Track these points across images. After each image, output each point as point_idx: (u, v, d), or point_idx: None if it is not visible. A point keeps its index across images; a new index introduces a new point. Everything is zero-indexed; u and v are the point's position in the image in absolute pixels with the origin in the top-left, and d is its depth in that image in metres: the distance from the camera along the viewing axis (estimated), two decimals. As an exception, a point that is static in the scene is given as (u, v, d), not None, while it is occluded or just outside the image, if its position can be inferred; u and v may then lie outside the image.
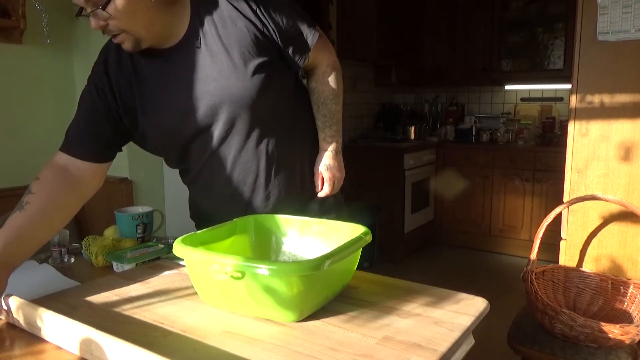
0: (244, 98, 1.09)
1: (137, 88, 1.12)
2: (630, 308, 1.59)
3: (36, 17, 2.20)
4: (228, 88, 1.08)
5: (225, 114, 1.10)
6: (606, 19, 1.70)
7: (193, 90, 1.09)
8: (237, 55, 1.08)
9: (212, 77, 1.09)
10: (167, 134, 1.14)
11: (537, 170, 3.77)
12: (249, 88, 1.09)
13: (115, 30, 1.01)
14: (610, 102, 1.74)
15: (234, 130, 1.12)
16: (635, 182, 1.72)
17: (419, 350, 0.73)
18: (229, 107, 1.09)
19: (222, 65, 1.08)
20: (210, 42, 1.09)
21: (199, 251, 0.88)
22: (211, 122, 1.11)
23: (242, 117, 1.11)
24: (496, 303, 0.99)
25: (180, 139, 1.15)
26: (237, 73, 1.08)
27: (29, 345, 0.79)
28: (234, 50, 1.08)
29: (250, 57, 1.09)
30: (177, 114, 1.11)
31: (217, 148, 1.14)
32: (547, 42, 3.99)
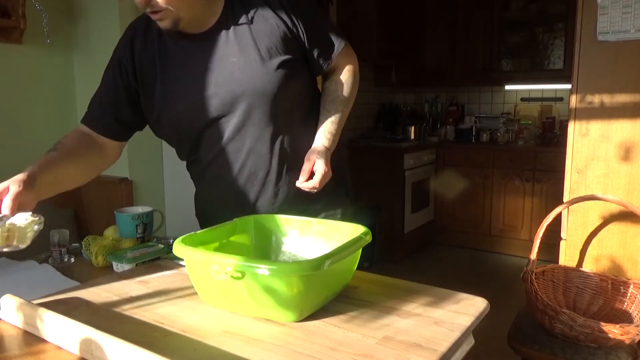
0: (266, 91, 1.11)
1: (159, 69, 1.15)
2: (630, 308, 1.59)
3: (36, 17, 2.20)
4: (252, 78, 1.11)
5: (245, 104, 1.12)
6: (606, 19, 1.70)
7: (217, 77, 1.12)
8: (264, 49, 1.11)
9: (237, 67, 1.11)
10: (183, 119, 1.16)
11: (537, 170, 3.77)
12: (272, 81, 1.11)
13: (160, 6, 1.02)
14: (610, 102, 1.74)
15: (250, 122, 1.14)
16: (635, 182, 1.72)
17: (419, 350, 0.73)
18: (249, 97, 1.12)
19: (249, 57, 1.11)
20: (240, 34, 1.12)
21: (199, 251, 0.88)
22: (229, 111, 1.13)
23: (260, 110, 1.13)
24: (496, 303, 0.99)
25: (196, 126, 1.16)
26: (262, 66, 1.11)
27: (29, 345, 0.79)
28: (262, 44, 1.12)
29: (276, 52, 1.12)
30: (196, 99, 1.13)
31: (231, 139, 1.15)
32: (547, 42, 3.99)
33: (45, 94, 2.47)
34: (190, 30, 1.12)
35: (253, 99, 1.12)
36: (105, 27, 2.43)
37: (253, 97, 1.12)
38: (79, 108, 2.61)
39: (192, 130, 1.17)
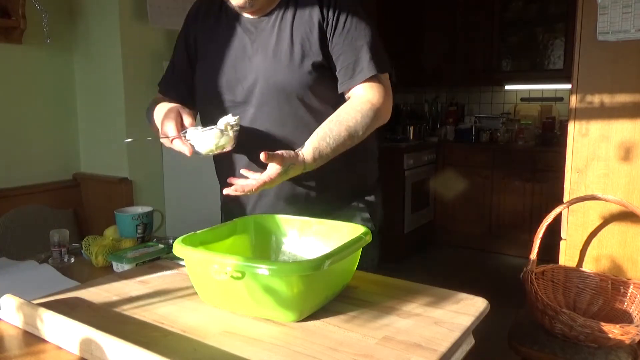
0: (285, 88, 1.10)
1: (206, 45, 1.18)
2: (630, 308, 1.59)
3: (36, 17, 2.20)
4: (275, 72, 1.10)
5: (262, 96, 1.12)
6: (606, 19, 1.70)
7: (247, 64, 1.13)
8: (298, 46, 1.10)
9: (268, 57, 1.11)
10: (210, 98, 1.18)
11: (537, 170, 3.77)
12: (295, 80, 1.09)
13: None
14: (610, 102, 1.74)
15: (264, 117, 1.13)
16: (635, 182, 1.72)
17: (419, 350, 0.73)
18: (267, 91, 1.11)
19: (281, 50, 1.10)
20: (283, 25, 1.11)
21: (199, 251, 0.88)
22: (248, 100, 1.13)
23: (275, 106, 1.12)
24: (496, 303, 0.99)
25: (219, 107, 1.17)
26: (290, 62, 1.10)
27: (29, 345, 0.79)
28: (297, 40, 1.10)
29: (309, 52, 1.10)
30: (222, 81, 1.15)
31: (247, 129, 1.13)
32: (547, 42, 3.99)
33: (45, 94, 2.47)
34: (250, 14, 1.13)
35: (270, 93, 1.11)
36: (105, 27, 2.43)
37: (270, 92, 1.11)
38: (79, 108, 2.61)
39: (216, 111, 1.17)
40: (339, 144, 1.07)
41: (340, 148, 1.08)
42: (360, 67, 1.11)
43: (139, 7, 2.43)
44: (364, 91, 1.13)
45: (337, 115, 1.10)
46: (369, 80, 1.12)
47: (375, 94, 1.13)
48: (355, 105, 1.11)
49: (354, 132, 1.09)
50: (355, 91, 1.13)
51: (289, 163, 0.99)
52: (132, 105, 2.46)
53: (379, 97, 1.13)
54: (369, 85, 1.12)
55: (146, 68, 2.51)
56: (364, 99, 1.12)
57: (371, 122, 1.11)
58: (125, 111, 2.44)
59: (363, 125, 1.09)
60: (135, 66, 2.46)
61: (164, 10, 2.50)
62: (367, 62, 1.11)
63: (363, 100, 1.11)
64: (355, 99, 1.13)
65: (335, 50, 1.12)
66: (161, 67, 2.55)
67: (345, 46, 1.11)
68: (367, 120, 1.10)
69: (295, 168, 1.01)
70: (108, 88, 2.47)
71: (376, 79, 1.13)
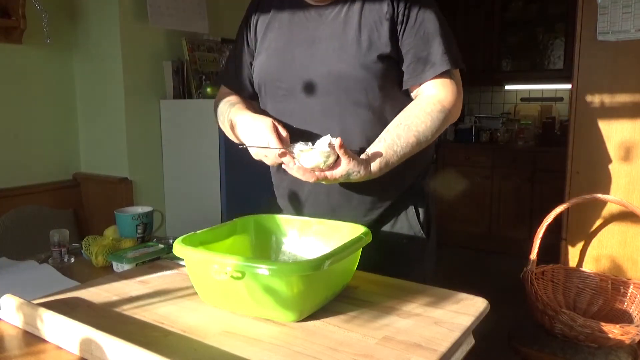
0: (350, 80, 1.05)
1: (266, 31, 1.15)
2: (630, 308, 1.59)
3: (36, 17, 2.20)
4: (339, 62, 1.05)
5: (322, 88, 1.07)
6: (606, 19, 1.70)
7: (308, 53, 1.08)
8: (365, 36, 1.04)
9: (332, 47, 1.06)
10: (266, 85, 1.15)
11: (537, 170, 3.77)
12: (360, 72, 1.04)
13: None
14: (610, 102, 1.75)
15: (321, 109, 1.08)
16: (635, 182, 1.72)
17: (419, 350, 0.73)
18: (328, 82, 1.06)
19: (347, 40, 1.05)
20: (351, 14, 1.06)
21: (199, 251, 0.88)
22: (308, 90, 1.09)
23: (335, 98, 1.07)
24: (496, 303, 0.99)
25: (274, 96, 1.14)
26: (356, 53, 1.04)
27: (29, 345, 0.79)
28: (365, 30, 1.05)
29: (378, 43, 1.04)
30: (280, 68, 1.11)
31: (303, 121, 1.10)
32: (547, 42, 3.99)
33: (45, 94, 2.47)
34: (316, 2, 1.09)
35: (332, 84, 1.05)
36: (105, 27, 2.43)
37: (332, 82, 1.05)
38: (79, 108, 2.61)
39: (272, 100, 1.14)
40: (406, 152, 1.01)
41: (407, 155, 1.02)
42: (431, 62, 1.05)
43: (139, 7, 2.43)
44: (434, 89, 1.06)
45: (405, 118, 1.03)
46: (440, 76, 1.05)
47: (446, 92, 1.06)
48: (425, 106, 1.04)
49: (423, 138, 1.03)
50: (424, 88, 1.07)
51: (354, 170, 0.95)
52: (132, 105, 2.46)
53: (451, 96, 1.06)
54: (440, 83, 1.06)
55: (146, 68, 2.51)
56: (435, 99, 1.05)
57: (441, 125, 1.05)
58: (125, 111, 2.44)
59: (432, 130, 1.03)
60: (135, 66, 2.46)
61: (164, 10, 2.50)
62: (440, 57, 1.04)
63: (433, 101, 1.04)
64: (424, 98, 1.06)
65: (406, 43, 1.05)
66: (161, 67, 2.55)
67: (416, 39, 1.05)
68: (437, 123, 1.04)
69: (359, 176, 0.97)
70: (108, 88, 2.47)
71: (448, 75, 1.07)
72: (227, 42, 2.80)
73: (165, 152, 2.62)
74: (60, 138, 2.55)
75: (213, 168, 2.40)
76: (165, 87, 2.58)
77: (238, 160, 2.39)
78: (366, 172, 0.97)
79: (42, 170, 2.47)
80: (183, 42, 2.57)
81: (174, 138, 2.57)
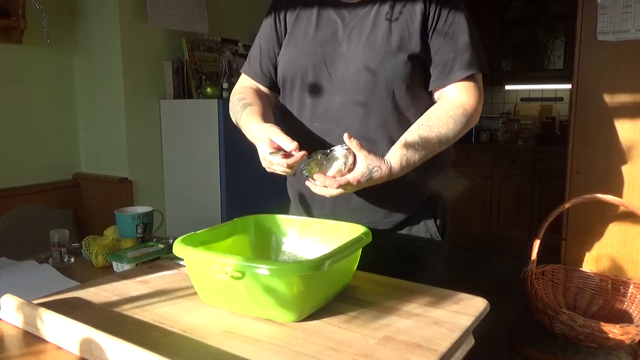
0: (377, 79, 1.03)
1: (296, 22, 1.13)
2: (630, 308, 1.59)
3: (36, 17, 2.20)
4: (367, 60, 1.04)
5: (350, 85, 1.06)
6: (606, 19, 1.70)
7: (335, 49, 1.07)
8: (396, 35, 1.03)
9: (362, 44, 1.05)
10: (291, 79, 1.13)
11: (537, 170, 3.77)
12: (389, 71, 1.03)
13: None
14: (610, 102, 1.75)
15: (346, 107, 1.07)
16: (635, 182, 1.72)
17: (419, 350, 0.73)
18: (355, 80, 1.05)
19: (376, 38, 1.04)
20: (381, 12, 1.06)
21: (199, 251, 0.88)
22: (334, 87, 1.07)
23: (361, 97, 1.05)
24: (496, 303, 0.99)
25: (297, 91, 1.13)
26: (386, 51, 1.03)
27: (29, 345, 0.79)
28: (396, 29, 1.04)
29: (408, 43, 1.03)
30: (306, 63, 1.10)
31: (323, 119, 1.09)
32: (547, 42, 3.99)
33: (45, 94, 2.47)
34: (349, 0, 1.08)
35: (359, 82, 1.04)
36: (105, 27, 2.43)
37: (359, 80, 1.04)
38: (79, 108, 2.61)
39: (294, 95, 1.14)
40: (427, 152, 1.01)
41: (428, 156, 1.02)
42: (458, 65, 1.05)
43: (139, 7, 2.43)
44: (457, 93, 1.05)
45: (427, 120, 1.03)
46: (464, 79, 1.05)
47: (469, 97, 1.05)
48: (448, 109, 1.03)
49: (445, 139, 1.02)
50: (448, 91, 1.07)
51: (374, 165, 0.94)
52: (132, 105, 2.46)
53: (473, 101, 1.05)
54: (464, 86, 1.05)
55: (146, 68, 2.51)
56: (457, 102, 1.04)
57: (463, 128, 1.04)
58: (125, 111, 2.44)
59: (454, 132, 1.03)
60: (135, 66, 2.46)
61: (164, 10, 2.50)
62: (467, 60, 1.04)
63: (456, 105, 1.04)
64: (447, 101, 1.05)
65: (435, 44, 1.05)
66: (161, 67, 2.55)
67: (445, 41, 1.05)
68: (460, 126, 1.03)
69: (381, 173, 0.95)
70: (108, 88, 2.47)
71: (472, 79, 1.06)
72: (227, 42, 2.80)
73: (165, 152, 2.62)
74: (60, 138, 2.55)
75: (213, 168, 2.40)
76: (165, 87, 2.58)
77: (238, 160, 2.39)
78: (387, 169, 0.96)
79: (42, 170, 2.47)
80: (183, 42, 2.57)
81: (174, 138, 2.58)
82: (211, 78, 2.62)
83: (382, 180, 0.97)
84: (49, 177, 2.51)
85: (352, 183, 0.93)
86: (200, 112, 2.43)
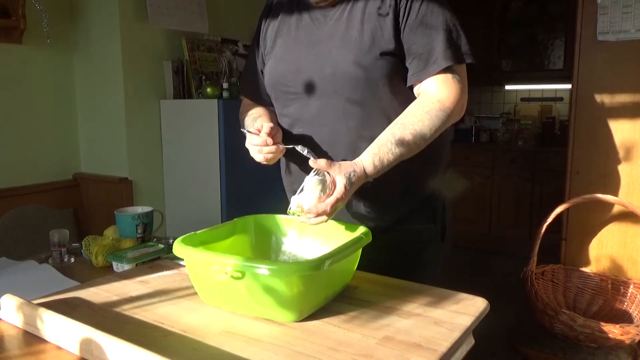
0: (353, 79, 1.03)
1: (276, 35, 1.15)
2: (630, 308, 1.59)
3: (36, 17, 2.20)
4: (343, 61, 1.03)
5: (328, 87, 1.06)
6: (606, 19, 1.70)
7: (312, 53, 1.08)
8: (368, 33, 1.02)
9: (335, 46, 1.05)
10: (275, 89, 1.15)
11: (537, 170, 3.77)
12: (364, 70, 1.02)
13: None
14: (610, 102, 1.74)
15: (330, 109, 1.07)
16: (635, 182, 1.72)
17: (419, 350, 0.73)
18: (333, 81, 1.05)
19: (350, 38, 1.04)
20: (354, 12, 1.05)
21: (199, 251, 0.88)
22: (313, 91, 1.08)
23: (343, 97, 1.05)
24: (496, 303, 0.99)
25: (282, 100, 1.14)
26: (359, 51, 1.02)
27: (29, 345, 0.79)
28: (368, 27, 1.02)
29: (381, 40, 1.02)
30: (285, 71, 1.11)
31: (311, 123, 1.10)
32: (547, 42, 3.99)
33: (45, 94, 2.47)
34: (321, 3, 1.08)
35: (336, 84, 1.04)
36: (105, 27, 2.43)
37: (336, 82, 1.04)
38: (79, 108, 2.61)
39: (280, 104, 1.15)
40: (404, 150, 0.98)
41: (406, 154, 0.99)
42: (434, 58, 1.01)
43: (139, 7, 2.43)
44: (435, 88, 1.02)
45: (402, 117, 1.00)
46: (443, 72, 1.01)
47: (448, 91, 1.01)
48: (424, 105, 1.00)
49: (420, 136, 0.99)
50: (426, 86, 1.03)
51: (348, 171, 0.93)
52: (132, 105, 2.46)
53: (452, 95, 1.01)
54: (442, 80, 1.01)
55: (146, 68, 2.51)
56: (434, 98, 1.01)
57: (441, 123, 1.00)
58: (125, 111, 2.44)
59: (430, 129, 0.99)
60: (135, 66, 2.46)
61: (164, 10, 2.50)
62: (442, 52, 1.00)
63: (433, 100, 1.01)
64: (424, 97, 1.02)
65: (408, 38, 1.02)
66: (161, 67, 2.55)
67: (419, 35, 1.01)
68: (437, 122, 1.00)
69: (357, 176, 0.94)
70: (108, 88, 2.47)
71: (450, 71, 1.02)
72: (227, 42, 2.80)
73: (165, 152, 2.62)
74: (60, 138, 2.55)
75: (213, 168, 2.40)
76: (165, 87, 2.58)
77: (238, 160, 2.39)
78: (360, 170, 0.95)
79: (42, 170, 2.47)
80: (183, 42, 2.57)
81: (174, 138, 2.57)
82: (211, 78, 2.62)
83: (361, 182, 0.95)
84: (49, 177, 2.51)
85: (340, 198, 0.91)
86: (200, 112, 2.43)
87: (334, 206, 0.91)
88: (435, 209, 1.17)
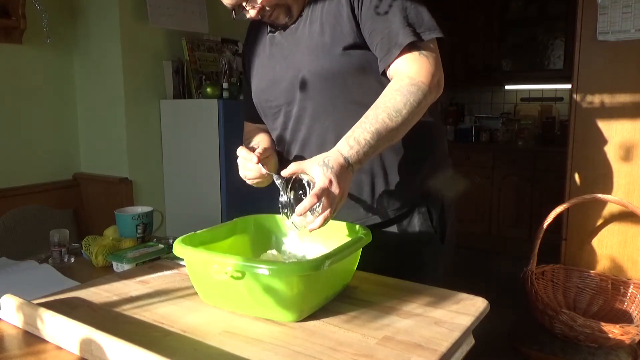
0: (321, 80, 1.06)
1: (254, 60, 1.21)
2: (630, 308, 1.59)
3: (36, 17, 2.20)
4: (311, 62, 1.06)
5: (303, 91, 1.09)
6: (606, 19, 1.70)
7: (285, 64, 1.12)
8: (327, 33, 1.05)
9: (301, 52, 1.08)
10: (261, 109, 1.21)
11: (537, 170, 3.77)
12: (333, 66, 1.04)
13: (270, 8, 1.06)
14: (610, 102, 1.75)
15: (307, 112, 1.10)
16: (635, 182, 1.72)
17: (419, 350, 0.73)
18: (306, 83, 1.08)
19: (314, 40, 1.07)
20: (314, 18, 1.08)
21: (199, 251, 0.88)
22: (291, 99, 1.12)
23: (318, 98, 1.08)
24: (496, 303, 0.99)
25: (267, 117, 1.20)
26: (323, 49, 1.05)
27: (29, 345, 0.79)
28: (327, 26, 1.05)
29: (340, 36, 1.03)
30: (265, 86, 1.17)
31: (294, 130, 1.14)
32: (547, 42, 3.99)
33: (45, 94, 2.47)
34: (288, 24, 1.12)
35: (309, 88, 1.07)
36: (105, 27, 2.43)
37: (309, 86, 1.07)
38: (79, 108, 2.61)
39: (268, 121, 1.20)
40: (380, 127, 0.93)
41: (384, 132, 0.94)
42: (394, 40, 0.99)
43: (139, 7, 2.43)
44: (405, 67, 0.99)
45: (375, 102, 0.98)
46: (408, 51, 0.99)
47: (417, 67, 0.98)
48: (393, 84, 0.98)
49: (395, 111, 0.94)
50: (395, 68, 1.01)
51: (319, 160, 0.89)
52: (132, 105, 2.46)
53: (423, 70, 0.98)
54: (410, 58, 0.99)
55: (146, 68, 2.51)
56: (403, 75, 0.98)
57: (415, 97, 0.96)
58: (125, 111, 2.44)
59: (405, 103, 0.95)
60: (135, 66, 2.46)
61: (164, 10, 2.50)
62: (402, 32, 0.98)
63: (402, 77, 0.98)
64: (395, 78, 1.00)
65: (367, 27, 1.01)
66: (161, 67, 2.55)
67: (376, 21, 1.01)
68: (409, 96, 0.95)
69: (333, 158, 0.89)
70: (108, 88, 2.47)
71: (416, 49, 0.99)
72: (227, 42, 2.80)
73: (165, 152, 2.62)
74: (60, 138, 2.55)
75: (213, 168, 2.40)
76: (165, 87, 2.58)
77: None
78: (334, 152, 0.91)
79: (42, 170, 2.47)
80: (183, 42, 2.57)
81: (174, 138, 2.58)
82: (211, 78, 2.62)
83: (341, 163, 0.89)
84: (49, 177, 2.51)
85: (325, 187, 0.85)
86: (200, 112, 2.43)
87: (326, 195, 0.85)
88: (434, 209, 1.16)
